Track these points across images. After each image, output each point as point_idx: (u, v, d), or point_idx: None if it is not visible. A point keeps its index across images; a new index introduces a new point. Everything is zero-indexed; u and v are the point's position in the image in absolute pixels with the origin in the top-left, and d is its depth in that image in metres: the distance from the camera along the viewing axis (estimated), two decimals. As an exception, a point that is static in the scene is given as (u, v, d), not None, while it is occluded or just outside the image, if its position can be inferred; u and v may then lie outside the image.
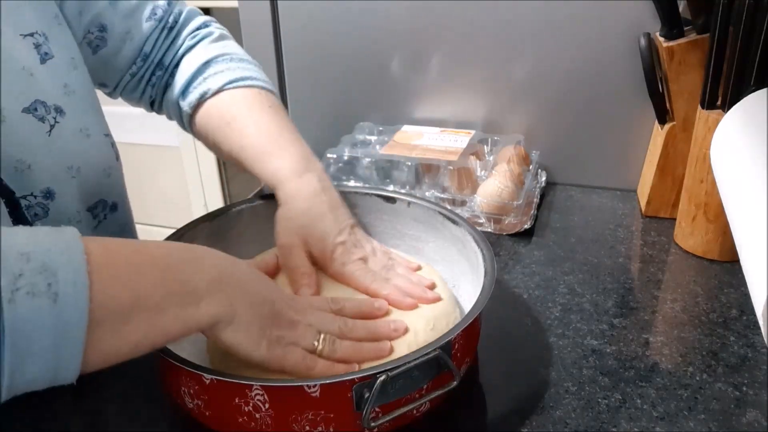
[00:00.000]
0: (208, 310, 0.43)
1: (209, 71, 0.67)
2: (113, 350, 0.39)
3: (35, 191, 0.54)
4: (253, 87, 0.67)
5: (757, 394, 0.54)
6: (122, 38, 0.65)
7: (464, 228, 0.62)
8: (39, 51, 0.56)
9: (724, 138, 0.60)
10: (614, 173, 0.92)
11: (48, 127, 0.54)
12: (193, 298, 0.42)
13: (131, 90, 0.70)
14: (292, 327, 0.48)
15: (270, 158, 0.62)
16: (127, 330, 0.39)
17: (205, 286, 0.43)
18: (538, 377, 0.57)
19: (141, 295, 0.39)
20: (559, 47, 0.87)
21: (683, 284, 0.70)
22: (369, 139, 0.96)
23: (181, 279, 0.42)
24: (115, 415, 0.55)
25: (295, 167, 0.61)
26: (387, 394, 0.46)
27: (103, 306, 0.37)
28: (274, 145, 0.63)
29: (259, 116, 0.65)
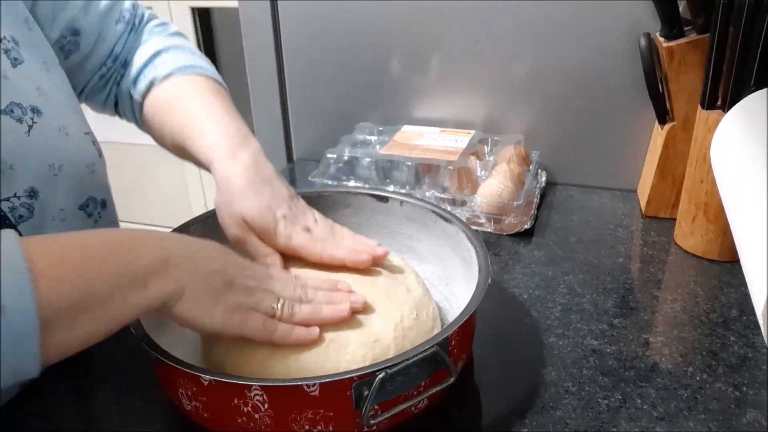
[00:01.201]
0: (155, 290, 0.43)
1: (158, 60, 0.68)
2: (69, 344, 0.39)
3: (18, 192, 0.54)
4: (200, 75, 0.68)
5: (757, 394, 0.54)
6: (95, 41, 0.67)
7: (457, 226, 0.62)
8: (9, 56, 0.56)
9: (724, 138, 0.60)
10: (614, 173, 0.92)
11: (26, 127, 0.54)
12: (139, 282, 0.42)
13: (98, 91, 0.71)
14: (249, 293, 0.49)
15: (205, 136, 0.61)
16: (80, 324, 0.39)
17: (150, 267, 0.43)
18: (538, 377, 0.57)
19: (88, 289, 0.40)
20: (559, 47, 0.87)
21: (683, 284, 0.70)
22: (369, 139, 0.96)
23: (125, 266, 0.42)
24: (112, 419, 0.55)
25: (229, 144, 0.59)
26: (386, 392, 0.46)
27: (52, 308, 0.37)
28: (210, 124, 0.62)
29: (200, 99, 0.65)
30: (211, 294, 0.46)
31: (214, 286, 0.46)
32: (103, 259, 0.41)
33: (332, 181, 0.89)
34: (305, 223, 0.59)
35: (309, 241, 0.57)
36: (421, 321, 0.54)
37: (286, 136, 1.08)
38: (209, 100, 0.65)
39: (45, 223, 0.56)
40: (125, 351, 0.49)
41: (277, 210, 0.57)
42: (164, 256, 0.44)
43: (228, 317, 0.47)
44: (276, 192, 0.58)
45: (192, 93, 0.66)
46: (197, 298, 0.45)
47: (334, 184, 0.88)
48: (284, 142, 1.08)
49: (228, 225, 0.58)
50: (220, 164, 0.58)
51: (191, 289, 0.45)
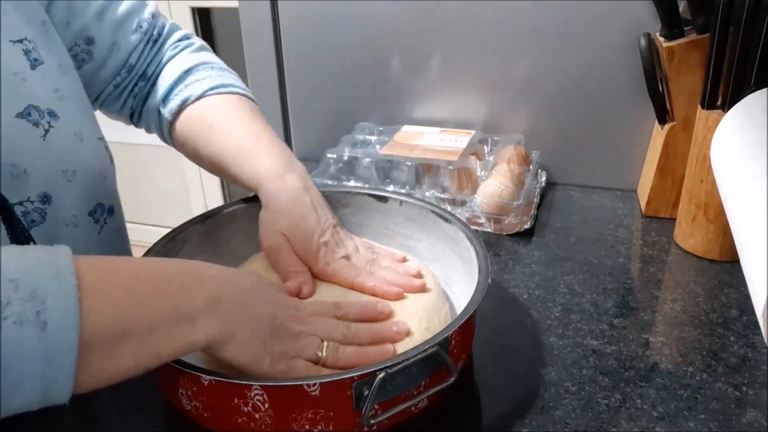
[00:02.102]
0: (204, 332, 0.42)
1: (190, 79, 0.68)
2: (105, 374, 0.38)
3: (32, 196, 0.53)
4: (234, 93, 0.68)
5: (757, 394, 0.54)
6: (109, 50, 0.66)
7: (457, 226, 0.62)
8: (29, 57, 0.56)
9: (724, 138, 0.60)
10: (614, 173, 0.92)
11: (42, 131, 0.54)
12: (188, 320, 0.41)
13: (112, 101, 0.70)
14: (295, 339, 0.48)
15: (251, 158, 0.61)
16: (120, 355, 0.38)
17: (201, 308, 0.42)
18: (538, 377, 0.57)
19: (134, 320, 0.39)
20: (559, 47, 0.87)
21: (683, 284, 0.70)
22: (369, 139, 0.96)
23: (176, 300, 0.41)
24: (112, 419, 0.55)
25: (277, 167, 0.60)
26: (386, 392, 0.46)
27: (95, 333, 0.36)
28: (256, 146, 0.62)
29: (240, 120, 0.65)
30: (260, 341, 0.46)
31: (263, 332, 0.46)
32: (153, 290, 0.40)
33: (332, 181, 0.89)
34: (345, 252, 0.60)
35: (344, 268, 0.59)
36: (431, 331, 0.53)
37: (286, 136, 1.08)
38: (249, 122, 0.65)
39: (57, 229, 0.56)
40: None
41: (321, 237, 0.59)
42: (217, 297, 0.43)
43: (274, 365, 0.46)
44: (321, 218, 0.60)
45: (231, 116, 0.65)
46: (246, 343, 0.45)
47: (334, 184, 0.88)
48: (284, 142, 1.08)
49: (268, 237, 0.59)
50: (269, 185, 0.59)
51: (241, 334, 0.44)
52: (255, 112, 0.67)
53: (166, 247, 0.60)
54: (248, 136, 0.63)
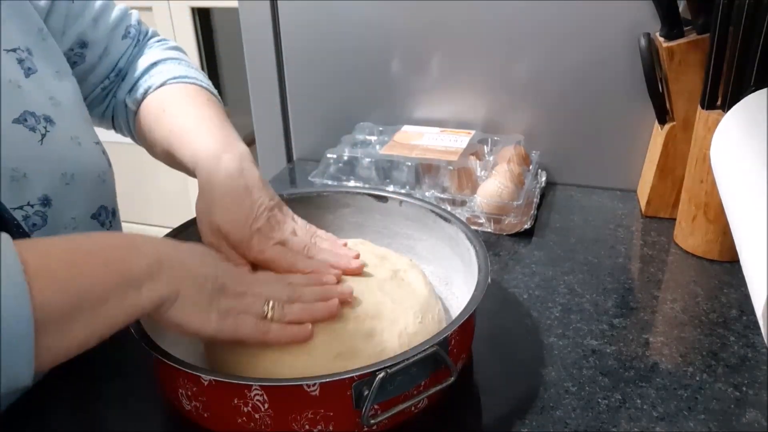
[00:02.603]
0: (150, 294, 0.43)
1: (155, 70, 0.69)
2: (63, 349, 0.40)
3: (32, 200, 0.54)
4: (194, 84, 0.68)
5: (757, 394, 0.54)
6: (100, 55, 0.68)
7: (456, 225, 0.62)
8: (22, 66, 0.57)
9: (724, 138, 0.60)
10: (614, 173, 0.92)
11: (39, 136, 0.55)
12: (133, 286, 0.42)
13: (97, 104, 0.71)
14: (240, 297, 0.49)
15: (192, 139, 0.61)
16: (74, 328, 0.39)
17: (145, 271, 0.43)
18: (538, 377, 0.57)
19: (82, 293, 0.40)
20: (559, 47, 0.87)
21: (683, 284, 0.70)
22: (369, 139, 0.96)
23: (119, 269, 0.42)
24: (112, 419, 0.55)
25: (215, 147, 0.59)
26: (386, 392, 0.46)
27: (47, 312, 0.37)
28: (198, 128, 0.62)
29: (191, 105, 0.65)
30: (205, 298, 0.47)
31: (207, 291, 0.47)
32: (96, 262, 0.42)
33: (332, 181, 0.89)
34: (281, 236, 0.59)
35: (280, 254, 0.58)
36: (426, 325, 0.54)
37: (286, 136, 1.08)
38: (198, 107, 0.65)
39: (58, 232, 0.57)
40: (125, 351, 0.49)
41: (254, 223, 0.57)
42: (158, 260, 0.44)
43: (221, 321, 0.47)
44: (255, 203, 0.58)
45: (182, 101, 0.66)
46: (191, 302, 0.46)
47: (334, 184, 0.88)
48: (284, 142, 1.08)
49: (204, 233, 0.58)
50: (203, 170, 0.58)
51: (185, 292, 0.45)
52: (212, 101, 0.67)
53: None
54: (194, 119, 0.63)
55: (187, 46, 1.88)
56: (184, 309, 0.45)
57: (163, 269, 0.44)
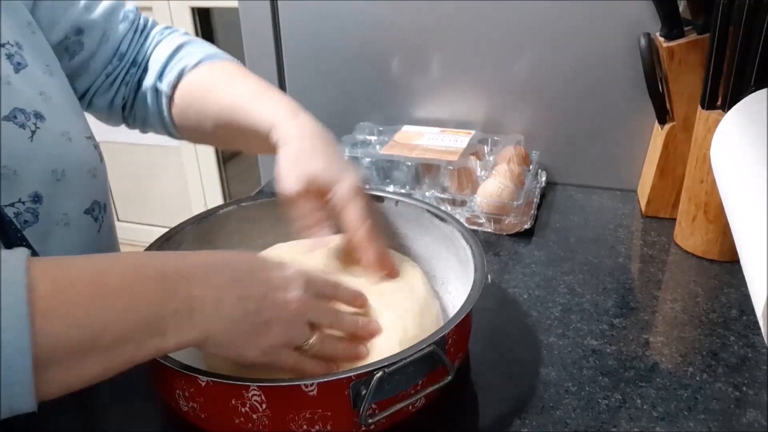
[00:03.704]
0: (176, 340, 0.41)
1: (183, 52, 0.70)
2: (73, 382, 0.38)
3: (23, 197, 0.54)
4: (229, 61, 0.70)
5: (757, 394, 0.54)
6: (99, 40, 0.67)
7: (452, 225, 0.62)
8: (12, 61, 0.56)
9: (724, 138, 0.60)
10: (614, 173, 0.91)
11: (29, 132, 0.54)
12: (158, 332, 0.40)
13: (104, 92, 0.70)
14: (282, 333, 0.46)
15: (260, 104, 0.62)
16: (86, 364, 0.37)
17: (172, 318, 0.40)
18: (538, 377, 0.57)
19: (98, 332, 0.37)
20: (559, 47, 0.87)
21: (683, 284, 0.70)
22: (369, 139, 0.95)
23: (144, 313, 0.39)
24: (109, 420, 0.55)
25: (288, 109, 0.61)
26: (383, 391, 0.46)
27: (51, 349, 0.35)
28: (266, 95, 0.63)
29: (243, 79, 0.67)
30: (241, 338, 0.44)
31: (244, 330, 0.44)
32: (119, 303, 0.38)
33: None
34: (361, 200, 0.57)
35: (358, 220, 0.56)
36: (425, 328, 0.53)
37: (286, 136, 1.08)
38: (251, 79, 0.67)
39: (50, 228, 0.56)
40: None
41: (346, 164, 0.59)
42: (189, 305, 0.41)
43: (258, 357, 0.46)
44: (338, 154, 0.60)
45: (233, 75, 0.67)
46: (225, 342, 0.44)
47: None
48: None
49: (289, 180, 0.57)
50: (284, 126, 0.59)
51: (217, 336, 0.43)
52: (253, 74, 0.68)
53: (162, 248, 0.60)
54: (255, 87, 0.65)
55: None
56: (217, 347, 0.44)
57: (194, 314, 0.41)
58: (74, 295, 0.37)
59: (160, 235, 0.61)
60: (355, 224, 0.56)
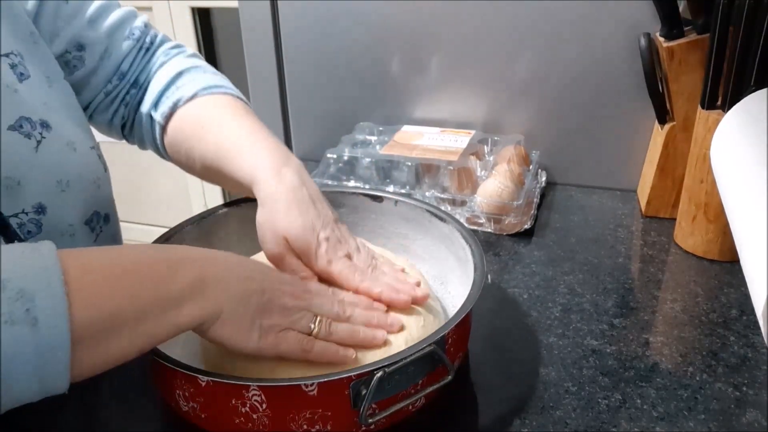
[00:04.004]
0: (191, 312, 0.43)
1: (180, 81, 0.67)
2: (100, 362, 0.40)
3: (26, 208, 0.53)
4: (226, 94, 0.67)
5: (757, 394, 0.54)
6: (100, 56, 0.66)
7: (452, 225, 0.62)
8: (15, 71, 0.55)
9: (724, 138, 0.60)
10: (614, 173, 0.91)
11: (35, 142, 0.54)
12: (173, 304, 0.42)
13: (103, 110, 0.69)
14: (286, 313, 0.48)
15: (246, 154, 0.60)
16: (112, 342, 0.39)
17: (186, 289, 0.43)
18: (538, 377, 0.57)
19: (121, 307, 0.39)
20: (559, 47, 0.87)
21: (683, 284, 0.70)
22: (369, 139, 0.95)
23: (160, 286, 0.42)
24: (109, 420, 0.55)
25: (273, 162, 0.58)
26: (383, 391, 0.46)
27: (85, 324, 0.37)
28: (250, 142, 0.61)
29: (233, 118, 0.64)
30: (248, 316, 0.46)
31: (251, 308, 0.46)
32: (138, 279, 0.41)
33: (332, 181, 0.89)
34: (347, 249, 0.57)
35: (349, 269, 0.55)
36: (428, 329, 0.53)
37: (286, 136, 1.08)
38: (243, 120, 0.63)
39: (52, 239, 0.54)
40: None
41: (321, 232, 0.56)
42: (201, 277, 0.44)
43: (264, 339, 0.46)
44: (320, 213, 0.57)
45: (224, 114, 0.64)
46: (233, 320, 0.45)
47: (334, 184, 0.88)
48: (284, 142, 1.08)
49: (267, 242, 0.57)
50: (265, 183, 0.57)
51: (227, 310, 0.45)
52: (248, 111, 0.66)
53: None
54: (242, 132, 0.62)
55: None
56: (225, 327, 0.45)
57: (206, 287, 0.44)
58: (98, 276, 0.39)
59: (160, 235, 0.61)
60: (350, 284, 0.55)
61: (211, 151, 0.62)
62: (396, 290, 0.55)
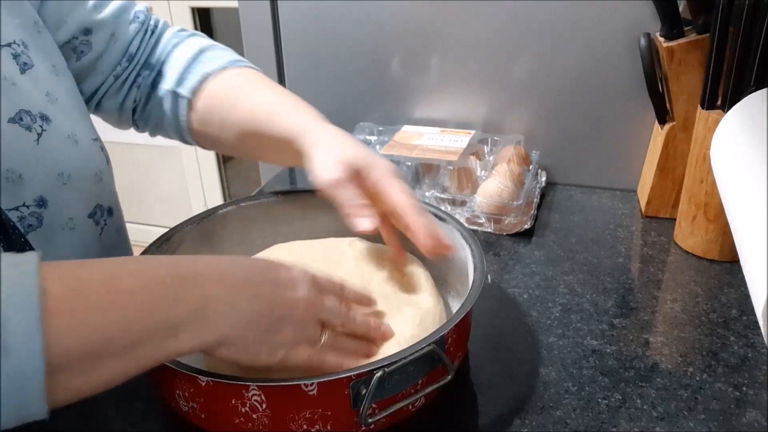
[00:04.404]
0: (189, 342, 0.40)
1: (205, 57, 0.68)
2: (85, 388, 0.37)
3: (27, 201, 0.53)
4: (252, 69, 0.69)
5: (757, 394, 0.54)
6: (107, 40, 0.66)
7: (452, 225, 0.62)
8: (18, 61, 0.55)
9: (724, 138, 0.60)
10: (614, 173, 0.91)
11: (35, 135, 0.53)
12: (171, 333, 0.39)
13: (113, 94, 0.68)
14: (298, 327, 0.46)
15: (286, 115, 0.62)
16: (98, 369, 0.37)
17: (186, 318, 0.40)
18: (538, 377, 0.57)
19: (110, 338, 0.37)
20: (559, 47, 0.87)
21: (683, 284, 0.70)
22: (369, 139, 0.95)
23: (156, 315, 0.39)
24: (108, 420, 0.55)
25: (314, 119, 0.61)
26: (383, 390, 0.46)
27: (63, 355, 0.35)
28: (289, 105, 0.63)
29: (266, 87, 0.66)
30: (257, 339, 0.44)
31: (260, 331, 0.44)
32: (131, 305, 0.38)
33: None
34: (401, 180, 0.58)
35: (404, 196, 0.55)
36: (425, 326, 0.53)
37: (286, 136, 1.08)
38: (276, 88, 0.66)
39: (54, 233, 0.55)
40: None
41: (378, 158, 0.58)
42: (202, 306, 0.41)
43: (273, 356, 0.45)
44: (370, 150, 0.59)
45: (256, 83, 0.67)
46: (240, 344, 0.43)
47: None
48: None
49: (328, 170, 0.55)
50: (311, 133, 0.59)
51: (232, 336, 0.42)
52: (276, 84, 0.68)
53: (161, 248, 0.60)
54: (277, 98, 0.64)
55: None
56: (230, 350, 0.43)
57: (208, 316, 0.41)
58: (86, 299, 0.36)
59: (160, 235, 0.61)
60: (401, 200, 0.55)
61: (247, 116, 0.64)
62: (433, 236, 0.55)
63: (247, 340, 0.44)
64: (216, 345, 0.42)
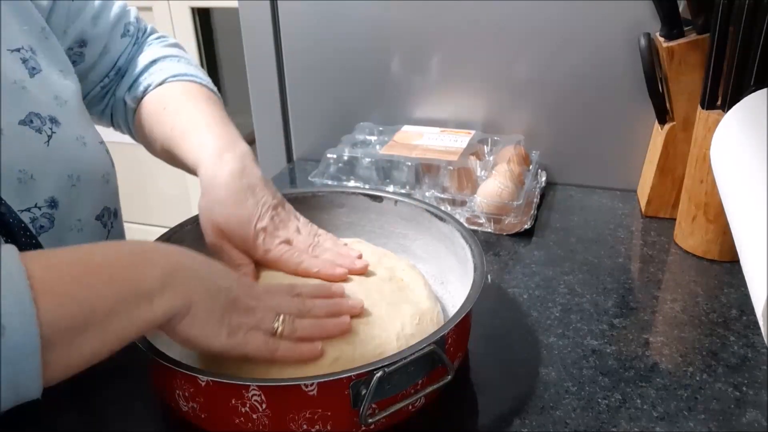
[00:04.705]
0: (162, 305, 0.42)
1: (155, 67, 0.69)
2: (72, 364, 0.39)
3: (39, 202, 0.54)
4: (194, 82, 0.68)
5: (757, 394, 0.54)
6: (99, 53, 0.68)
7: (451, 225, 0.62)
8: (27, 66, 0.56)
9: (724, 138, 0.60)
10: (614, 173, 0.91)
11: (45, 137, 0.55)
12: (145, 298, 0.41)
13: (97, 102, 0.71)
14: (251, 312, 0.48)
15: (194, 138, 0.61)
16: (83, 342, 0.38)
17: (157, 282, 0.42)
18: (538, 377, 0.57)
19: (91, 306, 0.38)
20: (559, 47, 0.87)
21: (683, 284, 0.70)
22: (369, 139, 0.95)
23: (130, 281, 0.41)
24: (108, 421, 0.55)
25: (216, 146, 0.59)
26: (383, 391, 0.46)
27: (54, 327, 0.36)
28: (200, 125, 0.62)
29: (193, 104, 0.65)
30: (217, 312, 0.45)
31: (220, 303, 0.46)
32: (106, 275, 0.40)
33: (332, 181, 0.89)
34: (286, 235, 0.59)
35: (286, 253, 0.57)
36: (423, 326, 0.54)
37: (286, 136, 1.08)
38: (199, 105, 0.65)
39: (64, 234, 0.56)
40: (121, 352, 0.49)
41: (258, 223, 0.57)
42: (170, 270, 0.43)
43: (231, 338, 0.46)
44: (259, 202, 0.58)
45: (182, 99, 0.66)
46: (203, 315, 0.44)
47: (334, 184, 0.88)
48: (284, 142, 1.08)
49: (207, 233, 0.58)
50: (206, 168, 0.58)
51: (198, 304, 0.44)
52: (211, 99, 0.67)
53: None
54: (196, 117, 0.63)
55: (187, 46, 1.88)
56: (194, 322, 0.44)
57: (177, 280, 0.43)
58: (65, 275, 0.38)
59: (160, 235, 0.61)
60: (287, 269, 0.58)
61: (167, 133, 0.64)
62: (333, 266, 0.57)
63: (210, 313, 0.45)
64: (183, 313, 0.43)
